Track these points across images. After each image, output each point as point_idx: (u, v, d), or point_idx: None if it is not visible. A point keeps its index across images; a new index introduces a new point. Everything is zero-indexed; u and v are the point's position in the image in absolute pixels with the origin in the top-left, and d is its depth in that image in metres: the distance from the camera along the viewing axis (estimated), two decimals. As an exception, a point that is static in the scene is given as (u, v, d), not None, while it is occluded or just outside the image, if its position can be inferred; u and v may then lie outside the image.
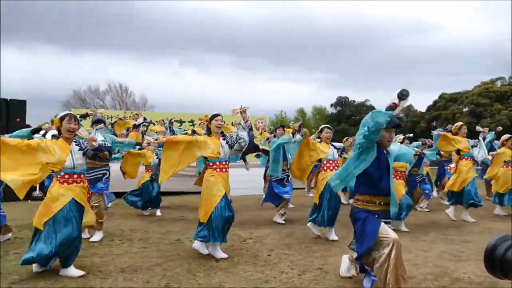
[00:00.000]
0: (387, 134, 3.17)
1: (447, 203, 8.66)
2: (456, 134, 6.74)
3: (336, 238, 5.24)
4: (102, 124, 5.80)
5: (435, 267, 4.01)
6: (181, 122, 16.63)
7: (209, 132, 4.54)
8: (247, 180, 9.35)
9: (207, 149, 4.35)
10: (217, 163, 4.40)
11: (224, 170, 4.42)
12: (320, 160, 5.43)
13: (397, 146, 3.55)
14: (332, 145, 5.52)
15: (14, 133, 4.65)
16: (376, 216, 3.08)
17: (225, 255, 4.32)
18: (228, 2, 61.62)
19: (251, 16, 59.10)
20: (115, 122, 8.87)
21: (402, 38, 58.00)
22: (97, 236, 5.11)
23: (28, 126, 8.05)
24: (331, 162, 5.38)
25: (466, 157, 6.69)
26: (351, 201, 7.43)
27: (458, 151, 6.75)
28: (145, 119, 10.90)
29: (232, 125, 9.33)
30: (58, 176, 3.78)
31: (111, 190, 6.55)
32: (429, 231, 5.89)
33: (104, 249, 4.65)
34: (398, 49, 55.45)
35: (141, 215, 7.15)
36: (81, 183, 3.86)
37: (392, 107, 2.90)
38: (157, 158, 7.21)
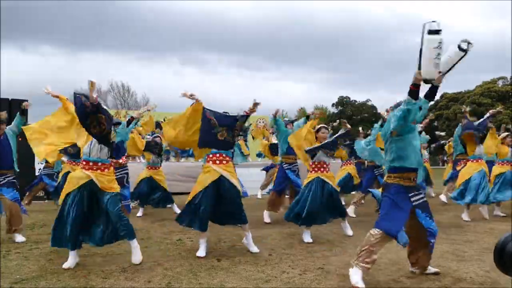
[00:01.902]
0: None
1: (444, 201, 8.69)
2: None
3: (310, 240, 5.08)
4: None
5: (437, 267, 3.99)
6: None
7: None
8: (247, 180, 9.35)
9: None
10: (211, 155, 4.49)
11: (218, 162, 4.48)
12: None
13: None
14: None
15: None
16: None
17: (202, 251, 4.39)
18: (228, 2, 61.68)
19: (251, 16, 59.17)
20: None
21: (404, 37, 57.93)
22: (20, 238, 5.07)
23: (30, 125, 8.07)
24: (321, 163, 5.26)
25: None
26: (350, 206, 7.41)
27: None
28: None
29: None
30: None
31: None
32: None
33: (106, 249, 4.64)
34: (400, 49, 55.41)
35: (141, 215, 7.16)
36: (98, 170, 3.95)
37: (411, 88, 3.02)
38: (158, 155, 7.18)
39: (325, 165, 5.27)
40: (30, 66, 46.62)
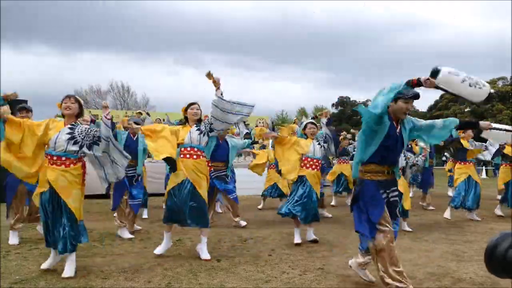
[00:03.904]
0: (404, 106, 3.03)
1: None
2: None
3: (314, 237, 5.08)
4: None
5: (437, 267, 4.00)
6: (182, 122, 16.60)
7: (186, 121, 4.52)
8: (247, 180, 9.34)
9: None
10: (182, 148, 4.36)
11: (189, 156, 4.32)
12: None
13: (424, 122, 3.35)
14: (319, 143, 5.21)
15: None
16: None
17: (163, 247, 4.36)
18: (227, 2, 61.65)
19: (248, 16, 59.17)
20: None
21: (404, 37, 58.04)
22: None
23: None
24: (309, 159, 5.11)
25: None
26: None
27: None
28: (148, 114, 10.84)
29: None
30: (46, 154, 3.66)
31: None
32: (431, 231, 5.88)
33: (105, 249, 4.65)
34: (400, 48, 55.52)
35: (141, 215, 7.15)
36: (62, 166, 3.61)
37: (414, 82, 2.83)
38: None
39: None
40: (24, 66, 46.74)
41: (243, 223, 6.20)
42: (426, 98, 39.32)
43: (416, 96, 3.03)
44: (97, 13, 48.75)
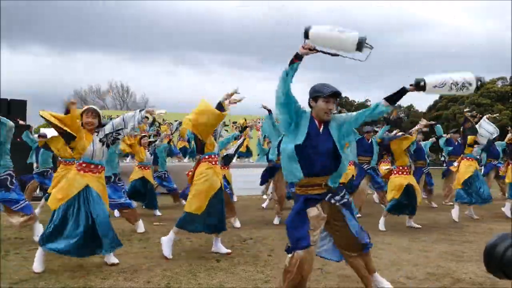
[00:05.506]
0: (323, 105, 2.74)
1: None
2: None
3: None
4: None
5: (437, 268, 4.00)
6: (180, 123, 16.62)
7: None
8: (247, 180, 9.34)
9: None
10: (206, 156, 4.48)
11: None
12: None
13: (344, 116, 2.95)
14: None
15: None
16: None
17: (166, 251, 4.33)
18: (228, 2, 61.69)
19: (245, 16, 59.19)
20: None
21: (404, 37, 58.06)
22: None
23: (29, 126, 8.07)
24: None
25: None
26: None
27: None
28: (154, 119, 10.83)
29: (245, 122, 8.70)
30: (77, 163, 3.91)
31: None
32: (430, 231, 5.88)
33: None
34: (399, 48, 55.47)
35: (141, 216, 7.14)
36: (96, 173, 3.92)
37: (294, 58, 2.58)
38: (150, 154, 7.15)
39: None
40: (22, 66, 46.72)
41: (238, 224, 6.23)
42: (426, 98, 39.37)
43: (336, 94, 2.74)
44: (95, 13, 48.74)
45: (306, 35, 2.58)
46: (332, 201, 2.82)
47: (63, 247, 3.69)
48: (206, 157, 4.45)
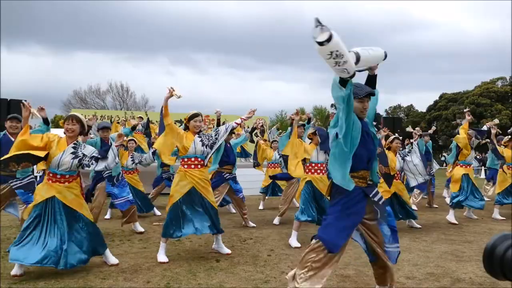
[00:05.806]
0: (359, 105, 2.80)
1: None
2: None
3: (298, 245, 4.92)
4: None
5: (436, 268, 4.00)
6: (181, 122, 16.67)
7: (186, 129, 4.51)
8: (247, 180, 9.34)
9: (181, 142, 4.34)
10: (185, 159, 4.36)
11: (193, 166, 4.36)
12: (304, 160, 5.29)
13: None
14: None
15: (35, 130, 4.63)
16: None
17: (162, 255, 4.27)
18: (223, 2, 61.68)
19: (244, 16, 59.21)
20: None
21: (404, 37, 58.08)
22: None
23: (29, 126, 8.04)
24: (313, 165, 5.19)
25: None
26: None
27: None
28: (148, 119, 10.91)
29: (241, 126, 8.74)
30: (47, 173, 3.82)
31: None
32: (430, 232, 5.89)
33: (104, 249, 4.64)
34: (399, 48, 55.47)
35: (141, 216, 7.14)
36: (65, 183, 3.76)
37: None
38: (132, 160, 6.94)
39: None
40: (19, 66, 46.73)
41: (251, 223, 6.24)
42: (425, 99, 39.42)
43: (370, 94, 2.82)
44: (95, 13, 48.76)
45: (357, 61, 2.62)
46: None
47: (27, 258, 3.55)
48: (181, 160, 4.43)
